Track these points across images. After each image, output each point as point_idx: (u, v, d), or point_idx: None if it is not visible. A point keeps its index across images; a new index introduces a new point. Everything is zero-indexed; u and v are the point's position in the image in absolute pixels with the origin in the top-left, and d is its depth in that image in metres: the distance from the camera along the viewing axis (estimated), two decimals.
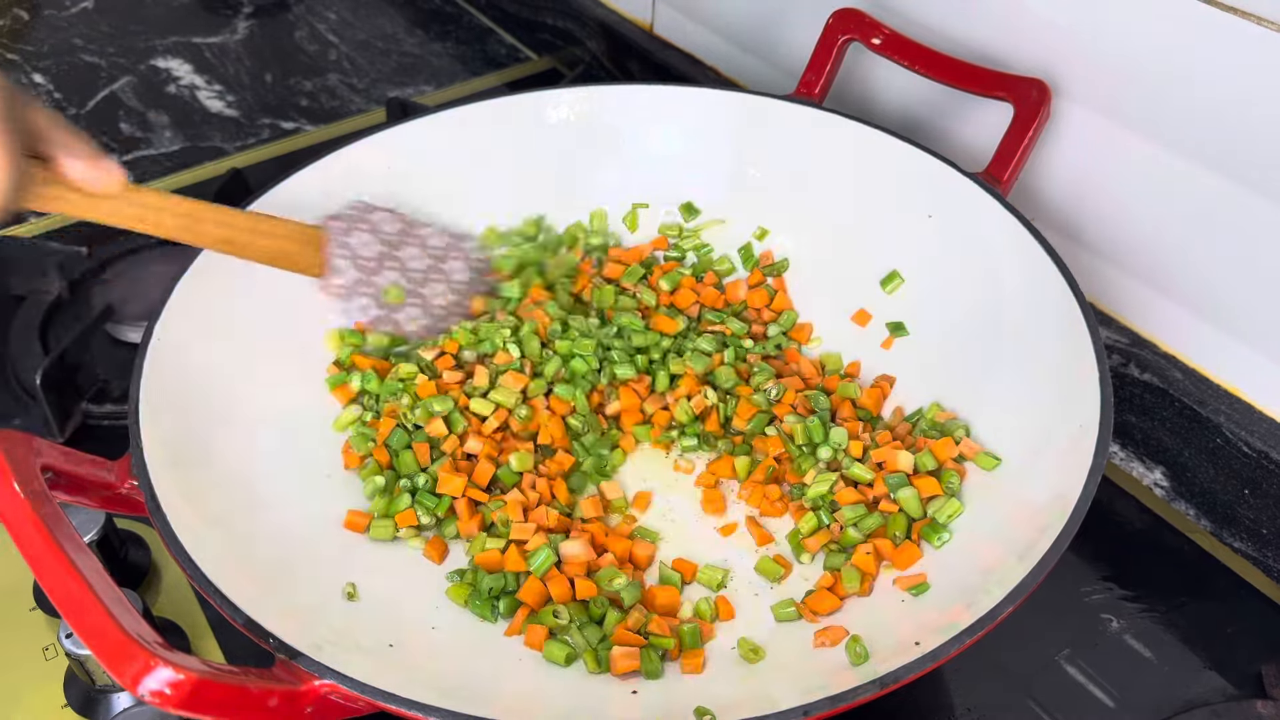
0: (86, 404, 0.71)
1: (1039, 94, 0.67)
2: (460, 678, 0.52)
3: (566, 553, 0.58)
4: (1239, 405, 0.65)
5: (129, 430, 0.54)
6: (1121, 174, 0.67)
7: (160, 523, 0.50)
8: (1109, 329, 0.70)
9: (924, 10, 0.75)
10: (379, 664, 0.50)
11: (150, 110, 1.02)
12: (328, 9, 1.18)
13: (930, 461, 0.59)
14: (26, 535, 0.43)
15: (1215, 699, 0.57)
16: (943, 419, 0.63)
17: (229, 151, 0.97)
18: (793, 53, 0.86)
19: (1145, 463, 0.69)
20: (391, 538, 0.60)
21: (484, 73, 1.08)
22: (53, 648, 0.59)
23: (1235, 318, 0.65)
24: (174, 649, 0.42)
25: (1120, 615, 0.61)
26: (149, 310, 0.60)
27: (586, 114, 0.76)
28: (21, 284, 0.79)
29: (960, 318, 0.66)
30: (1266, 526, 0.63)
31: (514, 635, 0.56)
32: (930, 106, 0.78)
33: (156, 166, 0.95)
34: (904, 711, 0.57)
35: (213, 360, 0.61)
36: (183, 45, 1.11)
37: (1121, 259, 0.69)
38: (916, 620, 0.53)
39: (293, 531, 0.57)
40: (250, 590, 0.49)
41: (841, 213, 0.72)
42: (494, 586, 0.57)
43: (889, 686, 0.45)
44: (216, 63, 1.09)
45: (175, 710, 0.41)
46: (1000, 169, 0.67)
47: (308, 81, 1.07)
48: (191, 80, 1.06)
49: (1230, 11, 0.58)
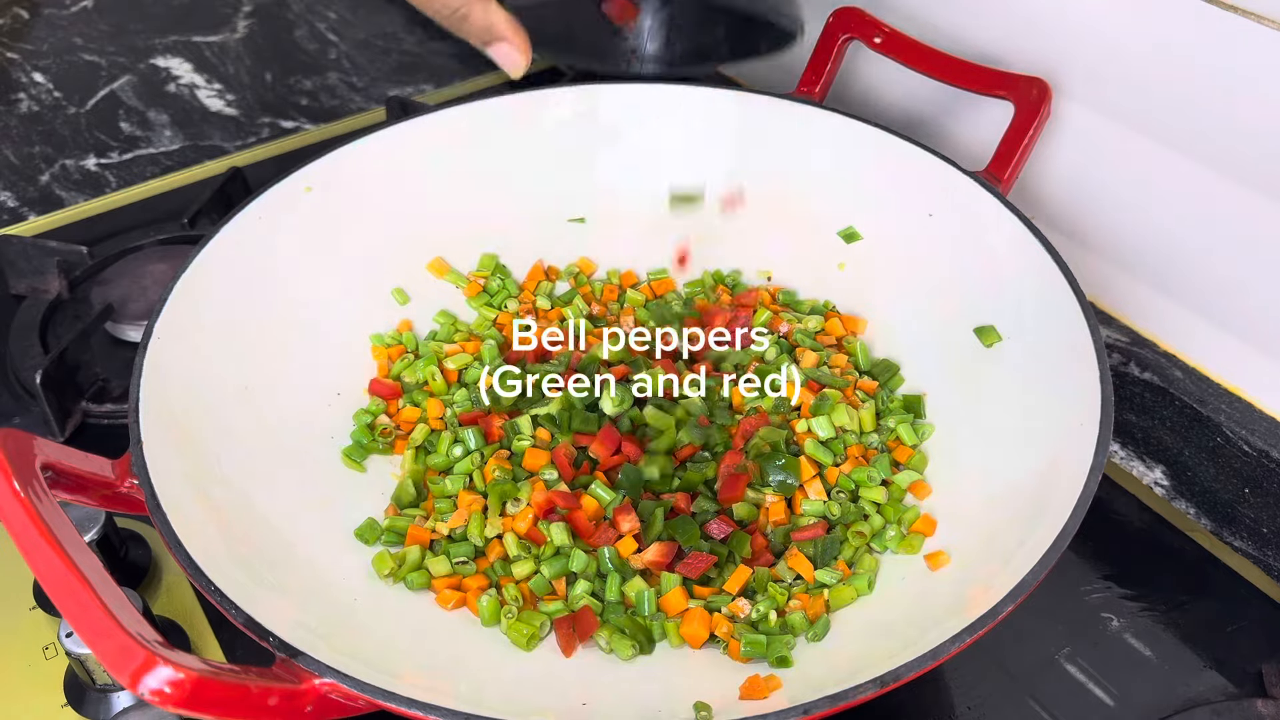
0: (86, 403, 0.71)
1: (1039, 93, 0.67)
2: (464, 677, 0.52)
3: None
4: (1239, 404, 0.65)
5: (129, 429, 0.54)
6: (1122, 173, 0.67)
7: (160, 521, 0.50)
8: (1109, 328, 0.70)
9: (924, 9, 0.75)
10: (379, 663, 0.50)
11: (150, 109, 1.02)
12: (328, 8, 1.18)
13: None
14: (26, 535, 0.43)
15: (1215, 698, 0.57)
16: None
17: (229, 150, 0.97)
18: (793, 51, 0.86)
19: (1145, 462, 0.69)
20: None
21: (484, 72, 1.08)
22: (53, 647, 0.59)
23: (1235, 317, 0.64)
24: (174, 648, 0.42)
25: (1120, 614, 0.61)
26: (149, 310, 0.60)
27: (586, 113, 0.76)
28: (21, 284, 0.79)
29: (960, 316, 0.65)
30: (1267, 525, 0.63)
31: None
32: (930, 105, 0.78)
33: (156, 165, 0.95)
34: (904, 711, 0.57)
35: (213, 359, 0.61)
36: (182, 44, 1.11)
37: (1121, 258, 0.69)
38: (916, 618, 0.53)
39: (294, 531, 0.57)
40: (250, 589, 0.49)
41: (841, 212, 0.72)
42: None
43: (889, 685, 0.45)
44: (216, 61, 1.08)
45: (176, 709, 0.41)
46: (1000, 168, 0.67)
47: (308, 80, 1.07)
48: (191, 79, 1.06)
49: (1231, 10, 0.58)
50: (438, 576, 0.58)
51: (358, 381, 0.68)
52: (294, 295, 0.67)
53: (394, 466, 0.65)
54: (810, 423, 0.63)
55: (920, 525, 0.59)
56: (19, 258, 0.79)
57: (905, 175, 0.69)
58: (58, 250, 0.80)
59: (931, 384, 0.66)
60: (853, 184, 0.72)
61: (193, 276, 0.62)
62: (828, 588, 0.57)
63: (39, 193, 0.92)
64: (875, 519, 0.59)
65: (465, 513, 0.60)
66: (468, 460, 0.63)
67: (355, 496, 0.62)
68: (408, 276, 0.73)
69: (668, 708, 0.50)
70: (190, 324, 0.61)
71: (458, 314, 0.73)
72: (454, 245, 0.74)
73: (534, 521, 0.59)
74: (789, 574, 0.58)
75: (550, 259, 0.77)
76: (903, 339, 0.69)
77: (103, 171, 0.94)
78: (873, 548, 0.59)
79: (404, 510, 0.62)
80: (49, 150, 0.96)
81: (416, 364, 0.69)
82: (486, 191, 0.75)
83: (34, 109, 1.01)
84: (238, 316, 0.64)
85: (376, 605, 0.56)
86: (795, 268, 0.74)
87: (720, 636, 0.55)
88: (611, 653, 0.55)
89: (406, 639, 0.54)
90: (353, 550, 0.59)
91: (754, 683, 0.52)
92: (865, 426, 0.64)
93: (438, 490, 0.62)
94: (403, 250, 0.73)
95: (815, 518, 0.60)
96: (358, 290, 0.70)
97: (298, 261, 0.68)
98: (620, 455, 0.61)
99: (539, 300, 0.74)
